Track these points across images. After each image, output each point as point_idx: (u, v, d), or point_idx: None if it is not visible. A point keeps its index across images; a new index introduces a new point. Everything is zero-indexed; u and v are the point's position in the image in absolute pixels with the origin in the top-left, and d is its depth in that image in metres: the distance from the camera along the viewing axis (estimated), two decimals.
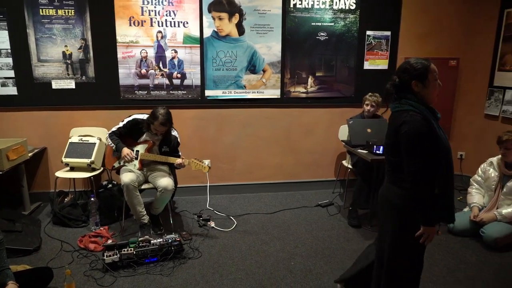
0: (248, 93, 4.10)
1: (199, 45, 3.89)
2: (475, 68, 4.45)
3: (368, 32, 4.20)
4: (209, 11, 3.84)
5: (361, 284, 2.25)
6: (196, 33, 3.87)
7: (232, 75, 4.02)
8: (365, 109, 3.76)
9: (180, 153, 3.37)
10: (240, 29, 3.94)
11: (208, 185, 4.17)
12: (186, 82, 3.95)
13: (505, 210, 3.14)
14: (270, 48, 4.03)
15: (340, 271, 2.74)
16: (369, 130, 3.51)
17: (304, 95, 4.22)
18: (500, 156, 3.26)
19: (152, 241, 2.85)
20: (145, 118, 3.22)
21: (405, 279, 1.91)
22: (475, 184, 3.49)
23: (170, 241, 2.88)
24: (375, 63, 4.30)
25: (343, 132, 4.10)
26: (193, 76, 3.95)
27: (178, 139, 3.36)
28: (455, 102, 4.55)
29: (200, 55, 3.92)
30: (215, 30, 3.89)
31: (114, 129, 3.28)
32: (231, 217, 3.68)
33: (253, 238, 3.26)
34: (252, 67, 4.04)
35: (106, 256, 2.69)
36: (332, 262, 2.87)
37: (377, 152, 3.18)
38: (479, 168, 3.46)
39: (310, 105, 4.27)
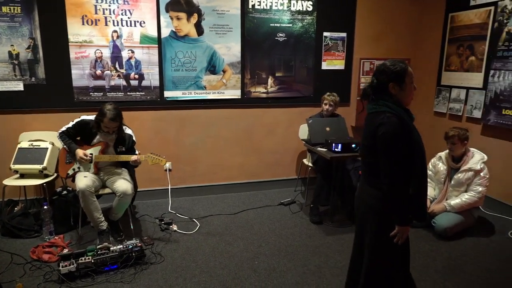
0: (209, 94, 4.07)
1: (157, 45, 3.81)
2: (424, 68, 4.71)
3: (325, 34, 4.31)
4: (167, 11, 3.77)
5: None
6: (154, 33, 3.78)
7: (191, 75, 3.97)
8: (324, 108, 3.86)
9: (137, 152, 3.28)
10: (199, 29, 3.90)
11: (169, 188, 4.10)
12: (144, 83, 3.86)
13: (453, 201, 3.35)
14: (230, 49, 4.03)
15: (303, 267, 2.80)
16: (328, 129, 3.61)
17: (264, 95, 4.26)
18: (447, 150, 3.48)
19: (111, 248, 2.75)
20: (93, 118, 3.10)
21: (384, 279, 1.92)
22: None
23: (130, 247, 2.79)
24: (333, 63, 4.43)
25: (303, 131, 4.18)
26: (152, 77, 3.86)
27: (133, 137, 3.26)
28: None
29: (158, 56, 3.84)
30: (173, 30, 3.82)
31: (63, 129, 3.14)
32: (194, 219, 3.63)
33: (217, 239, 3.24)
34: (212, 68, 4.02)
35: (62, 267, 2.56)
36: (296, 259, 2.92)
37: (336, 150, 3.28)
38: (430, 163, 3.67)
39: (271, 105, 4.32)
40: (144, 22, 3.73)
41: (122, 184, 3.07)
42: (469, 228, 3.42)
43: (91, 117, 3.15)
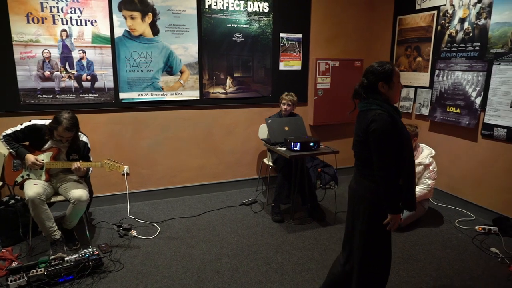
0: (166, 95, 3.99)
1: (110, 45, 3.68)
2: None
3: (281, 35, 4.38)
4: (120, 10, 3.65)
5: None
6: (107, 33, 3.65)
7: (148, 76, 3.87)
8: (282, 108, 3.92)
9: (91, 160, 3.15)
10: (154, 29, 3.81)
11: (127, 192, 3.98)
12: (97, 84, 3.70)
13: None
14: (187, 49, 3.98)
15: (266, 266, 2.83)
16: (286, 128, 3.67)
17: (223, 96, 4.25)
18: None
19: (66, 258, 2.62)
20: (46, 124, 2.93)
21: (378, 266, 2.03)
22: None
23: (87, 255, 2.68)
24: (290, 64, 4.51)
25: (263, 131, 4.22)
26: (105, 78, 3.72)
27: (88, 145, 3.12)
28: None
29: (112, 56, 3.70)
30: (127, 29, 3.71)
31: (9, 131, 2.92)
32: (154, 223, 3.55)
33: (178, 243, 3.19)
34: (169, 68, 3.95)
35: (11, 281, 2.40)
36: (258, 258, 2.94)
37: (295, 148, 3.35)
38: None
39: (230, 106, 4.32)
40: (95, 21, 3.58)
41: (76, 190, 2.93)
42: (421, 219, 3.62)
43: (44, 122, 2.97)
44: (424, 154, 3.56)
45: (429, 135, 4.23)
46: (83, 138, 3.10)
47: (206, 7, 3.97)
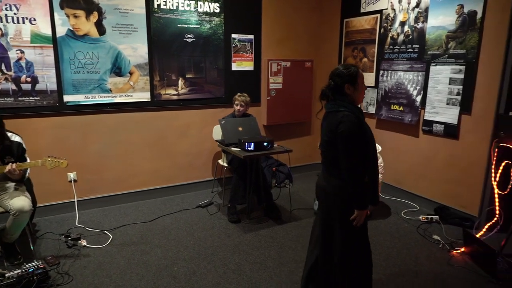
0: (115, 97, 3.84)
1: (52, 45, 3.47)
2: (325, 69, 5.09)
3: (233, 35, 4.39)
4: (62, 8, 3.46)
5: (316, 280, 2.33)
6: (48, 32, 3.44)
7: (95, 78, 3.70)
8: (236, 108, 3.93)
9: (28, 160, 2.93)
10: (100, 29, 3.65)
11: (75, 200, 3.79)
12: (38, 86, 3.48)
13: None
14: (136, 50, 3.86)
15: (224, 267, 2.82)
16: (240, 129, 3.68)
17: (175, 97, 4.17)
18: None
19: (7, 275, 2.42)
20: None
21: (358, 259, 2.11)
22: None
23: (31, 270, 2.50)
24: (242, 64, 4.53)
25: (217, 132, 4.20)
26: (48, 80, 3.51)
27: (23, 145, 2.89)
28: (313, 98, 5.12)
29: (54, 56, 3.50)
30: (71, 28, 3.52)
31: None
32: (105, 231, 3.40)
33: (132, 249, 3.09)
34: (118, 70, 3.80)
35: None
36: (215, 260, 2.93)
37: (249, 149, 3.37)
38: None
39: (183, 107, 4.25)
40: (34, 19, 3.36)
41: (18, 200, 2.73)
42: (370, 212, 3.79)
43: None
44: None
45: (376, 132, 4.45)
46: (16, 138, 2.87)
47: (155, 6, 3.88)
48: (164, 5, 3.92)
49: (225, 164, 4.10)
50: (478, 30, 3.31)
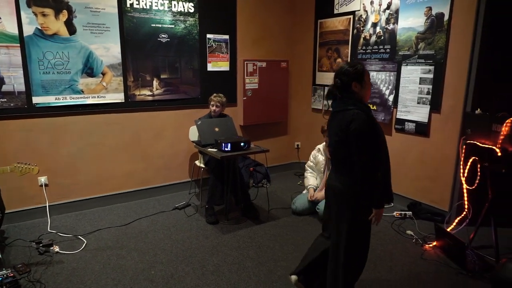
0: (87, 98, 3.74)
1: (19, 45, 3.34)
2: (301, 69, 5.15)
3: (208, 35, 4.36)
4: (29, 6, 3.33)
5: (313, 274, 2.35)
6: (14, 31, 3.30)
7: (65, 79, 3.59)
8: (212, 109, 3.91)
9: None
10: (71, 28, 3.55)
11: (47, 205, 3.67)
12: (5, 88, 3.34)
13: None
14: (109, 49, 3.77)
15: (202, 269, 2.80)
16: (216, 129, 3.66)
17: (150, 98, 4.11)
18: (324, 143, 3.87)
19: None
20: None
21: (360, 256, 2.16)
22: (309, 169, 4.05)
23: (0, 279, 2.40)
24: (218, 65, 4.51)
25: (193, 133, 4.17)
26: (15, 81, 3.37)
27: None
28: (289, 98, 5.17)
29: (22, 56, 3.37)
30: (39, 27, 3.40)
31: None
32: (79, 236, 3.31)
33: (108, 254, 3.01)
34: (89, 70, 3.70)
35: None
36: (194, 262, 2.90)
37: (226, 149, 3.36)
38: (311, 155, 4.04)
39: (158, 108, 4.19)
40: (0, 18, 3.23)
41: None
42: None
43: None
44: None
45: None
46: None
47: (128, 5, 3.80)
48: (137, 4, 3.85)
49: (202, 165, 4.07)
50: (446, 31, 3.43)
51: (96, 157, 3.91)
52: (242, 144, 3.44)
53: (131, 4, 3.81)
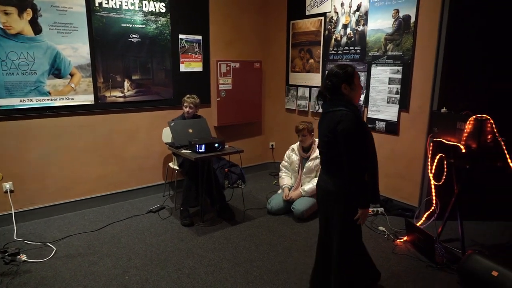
0: (55, 100, 3.62)
1: None
2: (274, 70, 5.18)
3: (180, 36, 4.32)
4: None
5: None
6: None
7: (31, 80, 3.45)
8: (185, 110, 3.87)
9: None
10: (36, 27, 3.41)
11: (13, 212, 3.52)
12: None
13: (307, 187, 3.80)
14: (77, 50, 3.66)
15: (178, 272, 2.76)
16: (190, 131, 3.63)
17: (122, 100, 4.02)
18: (298, 142, 3.92)
19: None
20: None
21: (353, 250, 2.19)
22: (283, 169, 4.09)
23: None
24: (191, 65, 4.47)
25: (166, 135, 4.11)
26: None
27: None
28: (263, 99, 5.19)
29: None
30: (1, 27, 3.25)
31: None
32: (48, 243, 3.19)
33: (79, 261, 2.92)
34: (57, 71, 3.58)
35: None
36: (169, 266, 2.86)
37: (200, 150, 3.33)
38: (285, 155, 4.07)
39: (130, 110, 4.10)
40: None
41: None
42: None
43: None
44: None
45: None
46: None
47: (97, 5, 3.70)
48: (106, 3, 3.75)
49: (176, 167, 4.02)
50: (413, 33, 3.55)
51: (65, 161, 3.78)
52: (216, 145, 3.43)
53: (100, 3, 3.72)
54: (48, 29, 3.47)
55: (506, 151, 2.71)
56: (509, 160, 2.72)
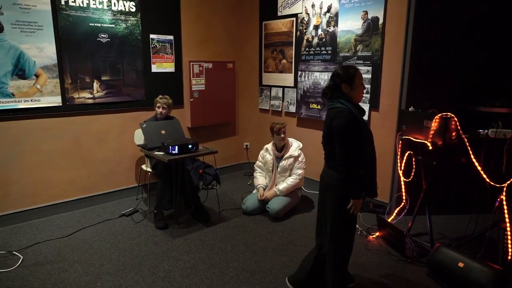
0: (19, 102, 3.47)
1: None
2: (247, 70, 5.19)
3: (151, 36, 4.24)
4: None
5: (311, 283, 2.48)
6: None
7: None
8: (158, 111, 3.81)
9: None
10: None
11: None
12: None
13: (281, 186, 3.83)
14: (42, 50, 3.52)
15: (152, 276, 2.72)
16: (163, 132, 3.57)
17: (91, 101, 3.90)
18: (272, 142, 3.94)
19: None
20: None
21: (346, 240, 2.30)
22: (258, 169, 4.10)
23: None
24: (162, 66, 4.40)
25: (139, 136, 4.03)
26: None
27: None
28: (237, 99, 5.18)
29: None
30: None
31: None
32: (14, 252, 3.05)
33: (47, 269, 2.81)
34: (21, 72, 3.43)
35: None
36: (143, 270, 2.81)
37: (173, 152, 3.29)
38: (259, 155, 4.09)
39: (100, 111, 3.99)
40: None
41: None
42: (296, 207, 3.97)
43: None
44: (293, 147, 3.91)
45: (297, 130, 4.66)
46: None
47: (63, 3, 3.58)
48: (72, 2, 3.63)
49: (149, 169, 3.95)
50: (381, 34, 3.65)
51: (31, 165, 3.63)
52: (190, 146, 3.39)
53: (66, 2, 3.59)
54: (11, 27, 3.33)
55: (469, 148, 2.84)
56: (472, 156, 2.85)
